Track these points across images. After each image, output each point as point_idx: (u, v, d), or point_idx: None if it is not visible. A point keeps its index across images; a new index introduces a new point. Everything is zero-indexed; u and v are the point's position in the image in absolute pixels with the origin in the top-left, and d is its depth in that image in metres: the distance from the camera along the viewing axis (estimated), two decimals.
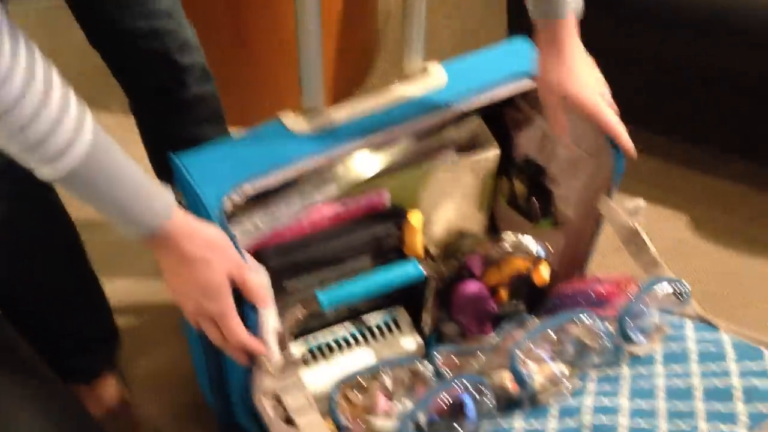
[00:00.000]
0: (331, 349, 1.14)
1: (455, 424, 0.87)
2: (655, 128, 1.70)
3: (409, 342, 1.16)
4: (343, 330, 1.16)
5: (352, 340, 1.15)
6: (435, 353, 1.01)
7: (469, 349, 1.02)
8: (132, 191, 0.73)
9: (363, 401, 0.99)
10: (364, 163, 1.02)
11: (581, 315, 0.91)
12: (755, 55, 1.49)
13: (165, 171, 0.95)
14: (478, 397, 0.87)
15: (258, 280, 0.88)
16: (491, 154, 1.10)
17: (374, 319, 1.17)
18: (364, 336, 1.15)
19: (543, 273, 1.05)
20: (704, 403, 0.80)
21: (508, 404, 0.94)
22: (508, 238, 1.03)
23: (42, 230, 1.05)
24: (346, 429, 0.94)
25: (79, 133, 0.67)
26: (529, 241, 1.03)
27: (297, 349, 1.13)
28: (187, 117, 1.20)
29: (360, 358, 1.13)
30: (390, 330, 1.16)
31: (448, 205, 1.14)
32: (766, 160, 1.67)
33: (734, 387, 0.80)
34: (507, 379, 0.91)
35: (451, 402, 0.88)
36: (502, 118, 1.13)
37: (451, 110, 0.99)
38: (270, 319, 1.00)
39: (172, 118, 1.19)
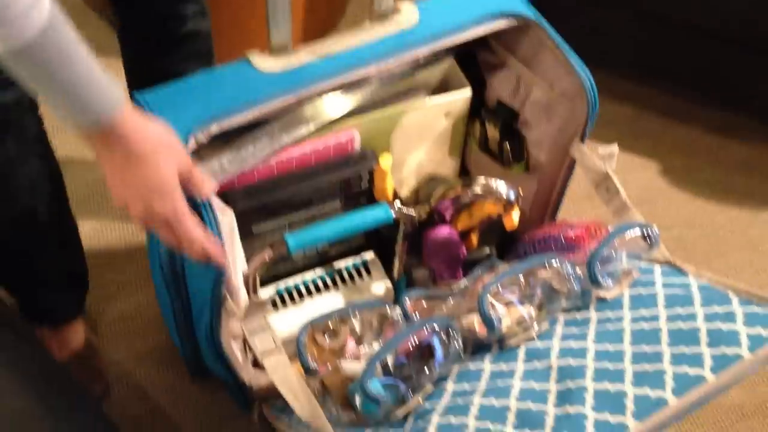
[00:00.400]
0: (300, 293, 1.13)
1: (423, 367, 0.87)
2: (630, 76, 1.69)
3: (379, 287, 1.15)
4: (313, 274, 1.15)
5: (321, 285, 1.14)
6: (405, 297, 1.00)
7: (438, 294, 1.02)
8: (86, 76, 0.70)
9: (331, 344, 0.99)
10: (334, 104, 1.00)
11: (550, 259, 0.90)
12: (733, 3, 1.47)
13: None
14: (446, 339, 0.87)
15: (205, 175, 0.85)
16: (463, 95, 1.08)
17: (344, 263, 1.16)
18: (333, 280, 1.15)
19: (514, 218, 1.05)
20: (670, 347, 0.80)
21: (476, 347, 0.95)
22: (480, 182, 1.02)
23: (26, 161, 1.02)
24: (314, 371, 0.93)
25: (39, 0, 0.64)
26: (500, 185, 1.02)
27: (266, 292, 1.13)
28: (178, 52, 1.16)
29: (329, 302, 1.12)
30: (360, 275, 1.16)
31: (419, 149, 1.12)
32: (742, 109, 1.67)
33: (700, 330, 0.80)
34: (476, 323, 0.91)
35: (420, 345, 0.87)
36: (476, 61, 1.11)
37: (423, 50, 0.97)
38: (237, 260, 0.99)
39: (163, 51, 1.16)
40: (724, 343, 0.78)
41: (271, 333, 0.90)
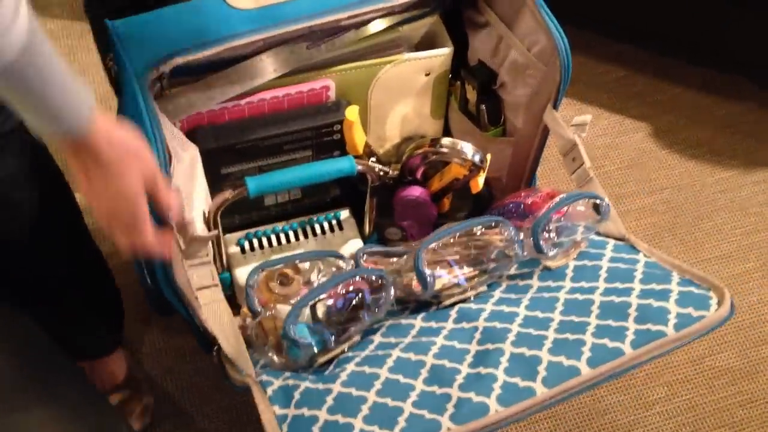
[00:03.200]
0: (270, 242, 1.13)
1: (353, 316, 0.86)
2: (620, 37, 1.61)
3: (350, 243, 1.14)
4: (284, 223, 1.15)
5: (292, 236, 1.14)
6: (361, 252, 0.99)
7: (394, 251, 1.01)
8: (60, 91, 0.69)
9: (282, 291, 0.99)
10: (311, 49, 0.99)
11: (490, 221, 0.88)
12: None
13: None
14: (378, 290, 0.86)
15: (171, 193, 0.84)
16: (444, 52, 1.05)
17: (317, 216, 1.15)
18: (305, 232, 1.14)
19: (479, 181, 1.02)
20: (598, 319, 0.78)
21: (418, 305, 0.93)
22: (446, 141, 1.00)
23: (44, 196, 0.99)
24: (258, 314, 0.93)
25: (16, 17, 0.62)
26: (466, 147, 0.99)
27: (235, 237, 1.13)
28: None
29: None
30: (332, 229, 1.15)
31: (399, 106, 1.10)
32: (732, 68, 1.59)
33: (631, 305, 0.78)
34: (414, 279, 0.89)
35: (350, 293, 0.86)
36: (461, 20, 1.08)
37: None
38: (195, 194, 0.99)
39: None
40: (651, 320, 0.75)
41: (210, 269, 0.91)
